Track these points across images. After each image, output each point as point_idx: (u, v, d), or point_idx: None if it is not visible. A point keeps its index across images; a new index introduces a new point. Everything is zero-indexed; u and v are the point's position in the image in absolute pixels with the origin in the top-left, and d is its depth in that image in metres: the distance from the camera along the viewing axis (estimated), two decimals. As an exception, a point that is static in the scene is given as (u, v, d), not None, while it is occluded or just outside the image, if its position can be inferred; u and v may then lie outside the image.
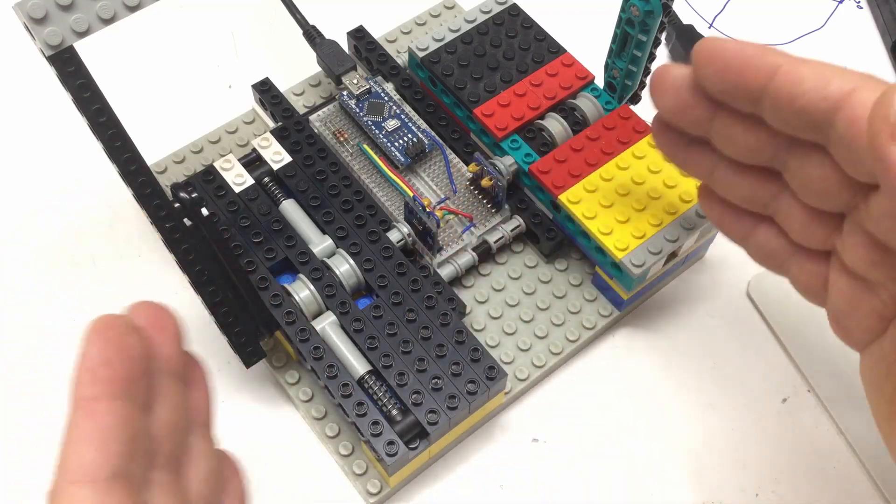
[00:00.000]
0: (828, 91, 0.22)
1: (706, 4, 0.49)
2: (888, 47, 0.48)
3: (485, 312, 0.37)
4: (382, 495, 0.33)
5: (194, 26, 0.48)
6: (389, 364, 0.33)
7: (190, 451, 0.25)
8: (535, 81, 0.40)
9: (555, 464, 0.35)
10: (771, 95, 0.23)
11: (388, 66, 0.42)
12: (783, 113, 0.23)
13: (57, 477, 0.21)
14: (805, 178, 0.25)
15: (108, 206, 0.41)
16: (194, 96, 0.45)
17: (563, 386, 0.37)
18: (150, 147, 0.36)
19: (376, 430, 0.31)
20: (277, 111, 0.40)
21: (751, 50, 0.24)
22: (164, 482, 0.23)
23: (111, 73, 0.43)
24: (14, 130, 0.44)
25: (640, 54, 0.37)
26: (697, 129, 0.27)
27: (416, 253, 0.37)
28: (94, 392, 0.21)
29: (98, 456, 0.21)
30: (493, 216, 0.38)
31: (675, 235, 0.35)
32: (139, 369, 0.22)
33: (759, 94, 0.24)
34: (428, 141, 0.39)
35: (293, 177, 0.38)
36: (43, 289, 0.39)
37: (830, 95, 0.22)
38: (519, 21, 0.41)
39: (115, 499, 0.21)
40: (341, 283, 0.35)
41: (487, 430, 0.36)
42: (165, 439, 0.24)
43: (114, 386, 0.22)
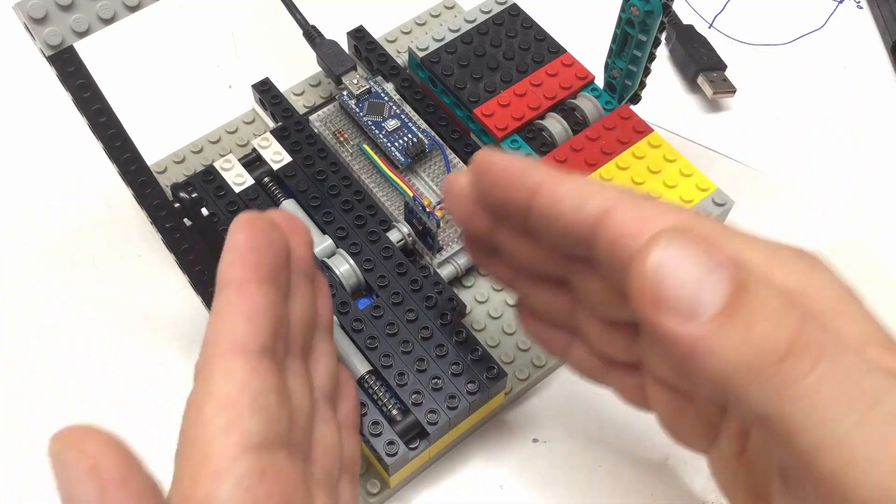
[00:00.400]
0: (585, 212, 0.22)
1: (706, 4, 0.49)
2: (888, 47, 0.48)
3: (485, 312, 0.37)
4: (382, 495, 0.33)
5: (194, 26, 0.48)
6: (389, 364, 0.33)
7: (316, 349, 0.27)
8: (535, 81, 0.40)
9: (555, 464, 0.35)
10: (534, 214, 0.23)
11: (388, 66, 0.42)
12: (548, 232, 0.23)
13: (207, 349, 0.22)
14: (587, 291, 0.25)
15: (108, 206, 0.41)
16: (194, 96, 0.45)
17: (564, 386, 0.37)
18: (150, 147, 0.36)
19: (376, 430, 0.31)
20: (277, 111, 0.40)
21: (516, 165, 0.23)
22: (296, 369, 0.25)
23: (111, 73, 0.43)
24: (14, 130, 0.44)
25: (640, 54, 0.37)
26: (485, 240, 0.27)
27: (416, 253, 0.37)
28: (244, 274, 0.23)
29: (250, 329, 0.22)
30: (493, 216, 0.38)
31: (675, 235, 0.35)
32: (282, 260, 0.24)
33: (525, 211, 0.23)
34: (428, 141, 0.39)
35: (293, 177, 0.38)
36: (43, 289, 0.39)
37: (587, 216, 0.21)
38: (519, 21, 0.41)
39: (264, 371, 0.22)
40: (341, 283, 0.35)
41: (487, 430, 0.36)
42: (299, 331, 0.25)
43: (261, 271, 0.23)
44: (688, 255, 0.19)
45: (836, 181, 0.43)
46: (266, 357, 0.22)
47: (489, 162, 0.24)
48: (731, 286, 0.19)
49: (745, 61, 0.47)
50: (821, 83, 0.47)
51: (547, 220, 0.23)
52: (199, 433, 0.21)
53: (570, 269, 0.25)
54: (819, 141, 0.45)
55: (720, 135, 0.45)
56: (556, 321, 0.27)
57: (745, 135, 0.45)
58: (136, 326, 0.38)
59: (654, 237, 0.19)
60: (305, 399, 0.25)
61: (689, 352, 0.19)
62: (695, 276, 0.19)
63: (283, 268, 0.24)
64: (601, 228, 0.21)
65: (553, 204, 0.22)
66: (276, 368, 0.23)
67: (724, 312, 0.18)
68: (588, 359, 0.27)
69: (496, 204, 0.25)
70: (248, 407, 0.21)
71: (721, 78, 0.45)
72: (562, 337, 0.28)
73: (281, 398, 0.22)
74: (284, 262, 0.24)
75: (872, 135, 0.45)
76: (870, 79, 0.47)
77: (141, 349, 0.37)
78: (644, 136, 0.38)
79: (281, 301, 0.24)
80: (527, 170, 0.23)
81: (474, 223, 0.26)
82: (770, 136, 0.45)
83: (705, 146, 0.44)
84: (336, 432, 0.27)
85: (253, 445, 0.21)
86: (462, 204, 0.26)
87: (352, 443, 0.28)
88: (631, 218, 0.21)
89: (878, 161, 0.44)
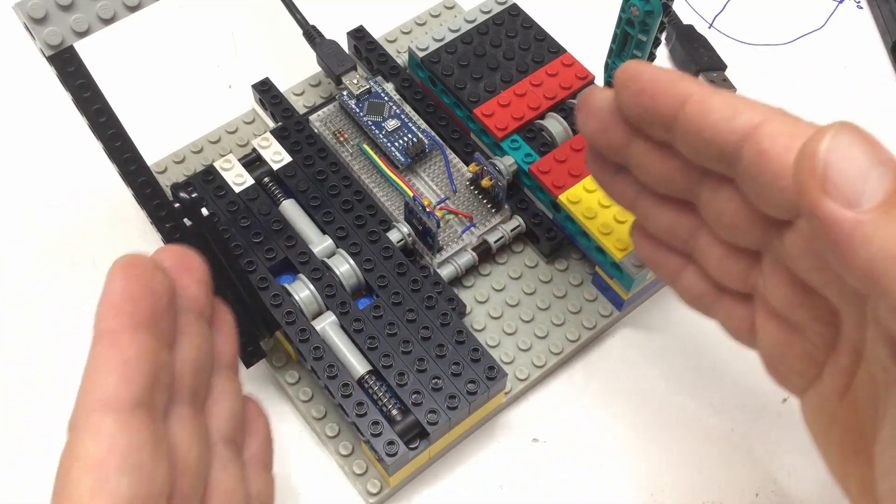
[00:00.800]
0: (735, 123, 0.22)
1: (706, 4, 0.49)
2: (888, 47, 0.48)
3: (485, 312, 0.37)
4: (382, 495, 0.33)
5: (194, 26, 0.48)
6: (389, 364, 0.33)
7: (213, 391, 0.26)
8: (535, 81, 0.40)
9: (555, 464, 0.35)
10: (681, 124, 0.23)
11: (388, 66, 0.42)
12: (692, 142, 0.23)
13: (78, 406, 0.21)
14: (717, 212, 0.25)
15: (108, 206, 0.41)
16: (194, 96, 0.45)
17: (563, 386, 0.37)
18: (150, 147, 0.36)
19: (376, 430, 0.31)
20: (277, 111, 0.40)
21: (665, 76, 0.23)
22: (185, 416, 0.24)
23: (111, 73, 0.43)
24: (14, 130, 0.44)
25: (640, 54, 0.37)
26: (616, 155, 0.27)
27: (416, 253, 0.37)
28: (118, 324, 0.22)
29: (121, 385, 0.21)
30: (493, 216, 0.38)
31: (675, 235, 0.35)
32: (163, 305, 0.23)
33: (671, 121, 0.23)
34: (428, 141, 0.39)
35: (293, 177, 0.38)
36: (43, 289, 0.39)
37: (738, 127, 0.22)
38: (519, 21, 0.41)
39: (137, 427, 0.21)
40: (341, 283, 0.35)
41: (487, 430, 0.36)
42: (188, 376, 0.24)
43: (137, 319, 0.22)
44: (857, 147, 0.19)
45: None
46: (139, 411, 0.21)
47: (636, 72, 0.24)
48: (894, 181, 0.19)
49: (745, 61, 0.47)
50: (821, 83, 0.47)
51: (694, 130, 0.23)
52: (67, 497, 0.20)
53: (703, 188, 0.25)
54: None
55: (720, 135, 0.45)
56: (672, 244, 0.27)
57: (745, 135, 0.45)
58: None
59: (825, 127, 0.20)
60: (194, 447, 0.24)
61: (847, 237, 0.19)
62: (862, 165, 0.19)
63: (165, 313, 0.23)
64: (752, 139, 0.21)
65: (703, 113, 0.22)
66: (152, 422, 0.22)
67: (886, 203, 0.19)
68: (699, 285, 0.27)
69: (640, 114, 0.24)
70: (116, 467, 0.20)
71: (721, 78, 0.45)
72: (676, 261, 0.28)
73: (157, 453, 0.21)
74: (166, 306, 0.23)
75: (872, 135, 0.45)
76: (870, 79, 0.47)
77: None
78: (644, 136, 0.38)
79: (160, 349, 0.23)
80: (677, 80, 0.23)
81: (608, 137, 0.26)
82: (770, 136, 0.45)
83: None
84: (236, 476, 0.26)
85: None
86: (598, 116, 0.26)
87: (261, 482, 0.27)
88: (783, 132, 0.21)
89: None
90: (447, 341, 0.33)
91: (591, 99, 0.26)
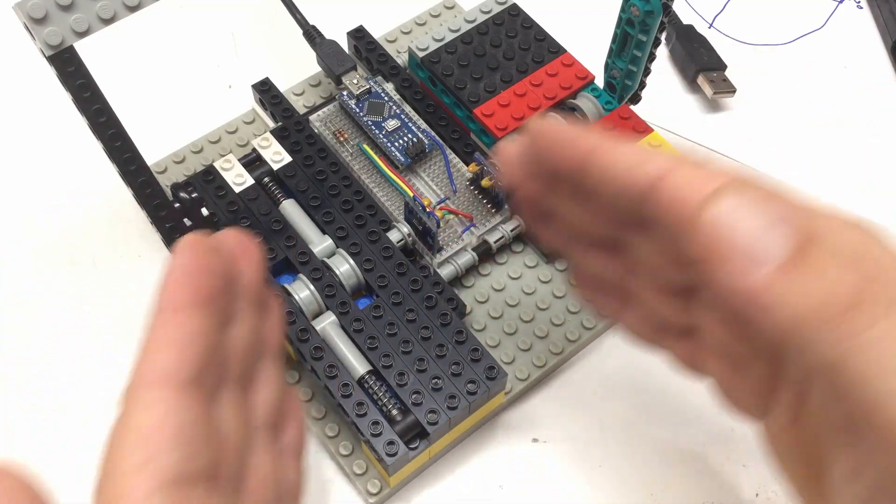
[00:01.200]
0: (640, 174, 0.22)
1: (706, 4, 0.49)
2: (888, 47, 0.48)
3: (485, 312, 0.37)
4: (382, 495, 0.33)
5: (194, 26, 0.48)
6: (389, 364, 0.33)
7: (259, 376, 0.26)
8: (535, 81, 0.40)
9: (555, 464, 0.35)
10: (588, 178, 0.23)
11: (388, 66, 0.42)
12: (601, 195, 0.23)
13: (133, 378, 0.22)
14: (641, 256, 0.25)
15: (108, 206, 0.41)
16: (194, 96, 0.45)
17: (563, 386, 0.37)
18: (150, 147, 0.36)
19: (376, 430, 0.31)
20: (277, 111, 0.40)
21: (569, 133, 0.24)
22: (232, 399, 0.24)
23: (111, 73, 0.43)
24: (14, 130, 0.44)
25: (640, 54, 0.37)
26: (540, 204, 0.27)
27: (416, 253, 0.37)
28: (178, 301, 0.22)
29: (177, 360, 0.21)
30: (493, 216, 0.38)
31: (675, 235, 0.35)
32: (222, 286, 0.23)
33: (579, 175, 0.23)
34: (428, 141, 0.39)
35: (293, 177, 0.38)
36: (43, 289, 0.39)
37: (642, 179, 0.22)
38: (519, 21, 0.41)
39: (190, 403, 0.21)
40: (341, 283, 0.35)
41: (487, 430, 0.36)
42: (238, 359, 0.25)
43: (196, 297, 0.22)
44: (753, 206, 0.19)
45: (836, 181, 0.43)
46: (192, 388, 0.21)
47: (543, 127, 0.24)
48: (798, 236, 0.19)
49: (745, 61, 0.47)
50: (821, 83, 0.47)
51: (601, 183, 0.23)
52: (115, 468, 0.20)
53: (624, 234, 0.25)
54: (819, 141, 0.45)
55: (720, 135, 0.45)
56: (609, 286, 0.27)
57: (745, 135, 0.45)
58: (136, 326, 0.37)
59: (718, 188, 0.19)
60: (239, 429, 0.24)
61: (752, 304, 0.19)
62: (760, 225, 0.19)
63: (223, 294, 0.23)
64: (659, 189, 0.21)
65: (608, 167, 0.23)
66: (203, 400, 0.22)
67: (790, 262, 0.18)
68: (642, 323, 0.27)
69: (550, 168, 0.25)
70: (166, 441, 0.20)
71: (721, 78, 0.45)
72: (615, 302, 0.27)
73: (205, 431, 0.22)
74: (225, 287, 0.24)
75: (873, 135, 0.45)
76: (870, 79, 0.47)
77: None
78: (644, 136, 0.38)
79: (217, 328, 0.23)
80: (581, 134, 0.23)
81: (528, 188, 0.26)
82: (770, 136, 0.45)
83: (705, 146, 0.44)
84: (274, 462, 0.26)
85: (169, 481, 0.20)
86: (515, 170, 0.26)
87: (294, 471, 0.27)
88: (691, 178, 0.21)
89: (878, 161, 0.44)
90: (447, 341, 0.33)
91: (507, 152, 0.26)
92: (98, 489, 0.21)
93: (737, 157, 0.44)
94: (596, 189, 0.23)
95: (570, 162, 0.24)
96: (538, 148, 0.25)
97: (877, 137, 0.45)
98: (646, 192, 0.22)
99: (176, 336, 0.22)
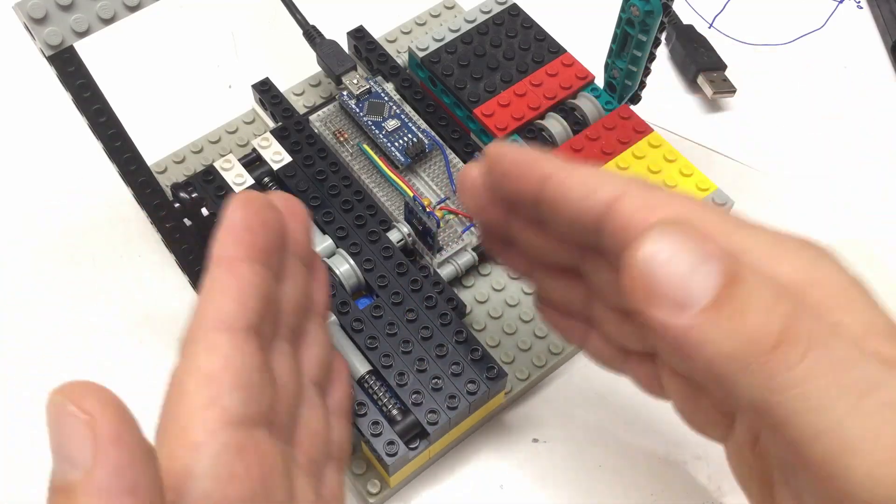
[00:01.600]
0: (593, 200, 0.22)
1: (706, 4, 0.49)
2: (888, 47, 0.48)
3: (485, 312, 0.37)
4: (382, 495, 0.33)
5: (194, 26, 0.48)
6: (389, 364, 0.33)
7: (307, 334, 0.27)
8: (535, 81, 0.40)
9: (555, 464, 0.35)
10: (544, 204, 0.23)
11: (388, 66, 0.42)
12: (558, 221, 0.23)
13: (193, 324, 0.22)
14: (599, 282, 0.25)
15: (108, 206, 0.41)
16: (194, 96, 0.45)
17: (563, 386, 0.37)
18: (150, 147, 0.36)
19: (376, 430, 0.31)
20: (277, 111, 0.40)
21: (526, 157, 0.24)
22: (284, 351, 0.25)
23: (111, 73, 0.43)
24: (14, 130, 0.44)
25: (640, 54, 0.37)
26: (500, 230, 0.27)
27: (416, 253, 0.37)
28: (237, 252, 0.23)
29: (237, 307, 0.22)
30: (493, 216, 0.38)
31: (675, 235, 0.35)
32: (276, 241, 0.24)
33: (535, 201, 0.23)
34: (428, 141, 0.39)
35: (293, 177, 0.38)
36: (43, 289, 0.39)
37: (596, 204, 0.22)
38: (519, 21, 0.41)
39: (249, 350, 0.22)
40: (341, 283, 0.35)
41: (487, 430, 0.36)
42: (290, 314, 0.25)
43: (254, 250, 0.23)
44: (680, 247, 0.19)
45: (836, 181, 0.43)
46: (252, 336, 0.22)
47: (499, 154, 0.24)
48: (721, 278, 0.19)
49: (745, 61, 0.47)
50: (821, 83, 0.47)
51: (556, 209, 0.23)
52: (179, 408, 0.21)
53: (583, 259, 0.25)
54: (819, 141, 0.45)
55: (720, 135, 0.45)
56: (572, 311, 0.28)
57: (745, 135, 0.45)
58: (136, 326, 0.38)
59: (647, 229, 0.19)
60: (291, 382, 0.25)
61: (682, 342, 0.19)
62: (686, 267, 0.19)
63: (278, 249, 0.24)
64: (609, 218, 0.21)
65: (562, 194, 0.23)
66: (262, 348, 0.23)
67: (714, 304, 0.19)
68: (605, 348, 0.27)
69: (507, 195, 0.25)
70: (229, 383, 0.21)
71: (721, 78, 0.45)
72: (579, 326, 0.28)
73: (264, 377, 0.22)
74: (279, 243, 0.24)
75: (872, 135, 0.45)
76: (870, 79, 0.47)
77: (141, 349, 0.37)
78: (644, 136, 0.38)
79: (272, 282, 0.24)
80: (536, 161, 0.23)
81: (487, 215, 0.26)
82: (770, 136, 0.45)
83: (705, 146, 0.44)
84: (323, 418, 0.26)
85: (233, 421, 0.21)
86: (475, 196, 0.26)
87: (341, 430, 0.28)
88: (638, 206, 0.21)
89: (878, 161, 0.44)
90: (447, 341, 0.33)
91: (465, 179, 0.26)
92: (161, 428, 0.21)
93: (737, 157, 0.44)
94: (551, 216, 0.23)
95: (526, 189, 0.24)
96: (495, 175, 0.25)
97: (877, 137, 0.45)
98: (599, 220, 0.22)
99: (235, 286, 0.22)
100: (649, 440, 0.35)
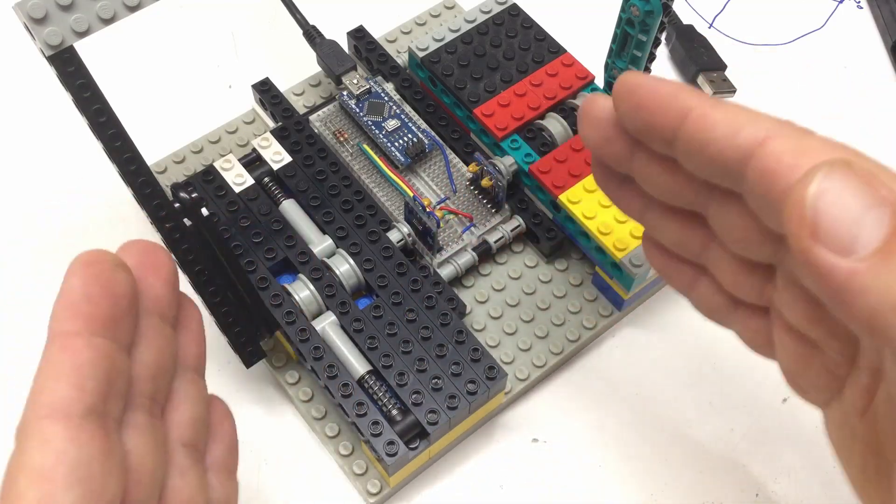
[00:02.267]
0: (738, 139, 0.21)
1: (706, 4, 0.49)
2: (888, 47, 0.48)
3: (485, 312, 0.37)
4: (382, 495, 0.33)
5: (194, 26, 0.48)
6: (389, 364, 0.33)
7: (175, 395, 0.25)
8: (535, 81, 0.40)
9: (555, 464, 0.35)
10: (682, 140, 0.22)
11: (388, 66, 0.42)
12: (695, 159, 0.22)
13: (27, 411, 0.21)
14: (726, 227, 0.24)
15: (108, 206, 0.41)
16: (194, 96, 0.45)
17: (563, 386, 0.37)
18: (150, 147, 0.36)
19: (376, 430, 0.31)
20: (277, 111, 0.40)
21: (665, 89, 0.22)
22: (140, 423, 0.23)
23: (111, 73, 0.43)
24: (14, 130, 0.44)
25: (640, 54, 0.37)
26: (620, 166, 0.25)
27: (416, 253, 0.37)
28: (73, 327, 0.21)
29: (72, 392, 0.20)
30: (493, 216, 0.38)
31: (675, 235, 0.35)
32: (123, 307, 0.22)
33: (672, 137, 0.22)
34: (428, 141, 0.39)
35: (293, 177, 0.38)
36: (43, 289, 0.39)
37: (741, 144, 0.20)
38: (519, 21, 0.41)
39: (88, 436, 0.20)
40: (341, 283, 0.35)
41: (487, 430, 0.36)
42: (147, 381, 0.23)
43: (94, 323, 0.21)
44: (850, 188, 0.18)
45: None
46: (91, 420, 0.20)
47: (635, 83, 0.23)
48: (892, 223, 0.18)
49: (745, 61, 0.47)
50: (821, 83, 0.47)
51: (695, 146, 0.22)
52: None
53: (710, 202, 0.24)
54: (819, 141, 0.45)
55: (720, 135, 0.45)
56: (684, 256, 0.26)
57: (745, 135, 0.45)
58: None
59: (816, 167, 0.18)
60: (152, 455, 0.23)
61: (843, 287, 0.18)
62: (856, 209, 0.18)
63: (126, 315, 0.22)
64: (755, 157, 0.20)
65: (704, 131, 0.21)
66: (104, 431, 0.21)
67: (883, 250, 0.18)
68: (714, 297, 0.26)
69: (639, 128, 0.23)
70: (64, 479, 0.19)
71: (721, 78, 0.45)
72: (688, 272, 0.26)
73: (108, 464, 0.20)
74: (128, 307, 0.22)
75: (873, 135, 0.45)
76: (870, 79, 0.47)
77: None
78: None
79: (118, 354, 0.22)
80: (676, 93, 0.22)
81: (610, 148, 0.24)
82: (770, 136, 0.45)
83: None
84: (197, 483, 0.24)
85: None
86: (600, 127, 0.24)
87: (224, 487, 0.26)
88: (789, 149, 0.20)
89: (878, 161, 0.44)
90: (447, 341, 0.33)
91: (591, 108, 0.25)
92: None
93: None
94: (688, 153, 0.22)
95: (664, 123, 0.22)
96: (629, 107, 0.23)
97: (877, 137, 0.45)
98: (742, 159, 0.21)
99: (70, 366, 0.20)
100: (649, 440, 0.35)
